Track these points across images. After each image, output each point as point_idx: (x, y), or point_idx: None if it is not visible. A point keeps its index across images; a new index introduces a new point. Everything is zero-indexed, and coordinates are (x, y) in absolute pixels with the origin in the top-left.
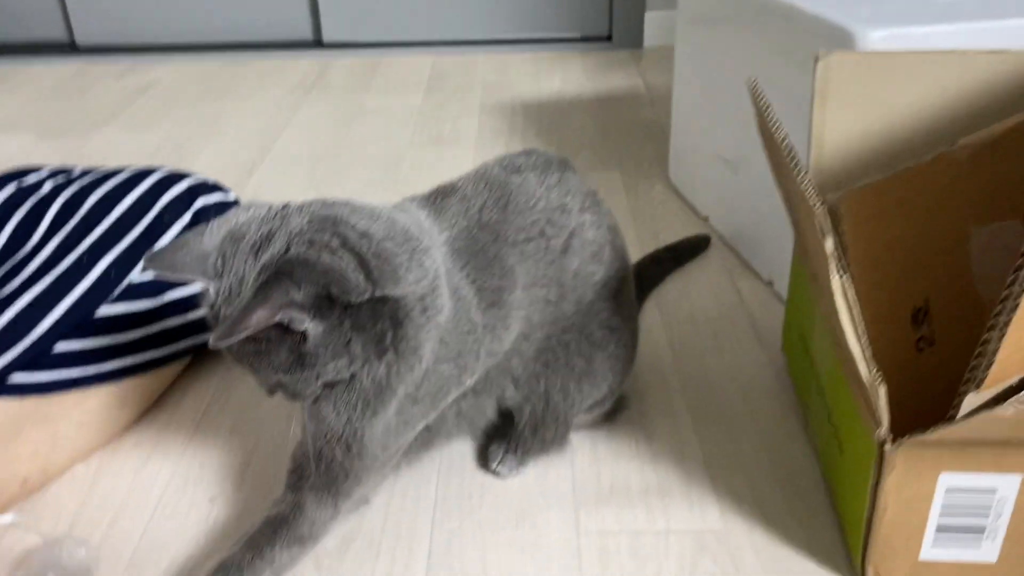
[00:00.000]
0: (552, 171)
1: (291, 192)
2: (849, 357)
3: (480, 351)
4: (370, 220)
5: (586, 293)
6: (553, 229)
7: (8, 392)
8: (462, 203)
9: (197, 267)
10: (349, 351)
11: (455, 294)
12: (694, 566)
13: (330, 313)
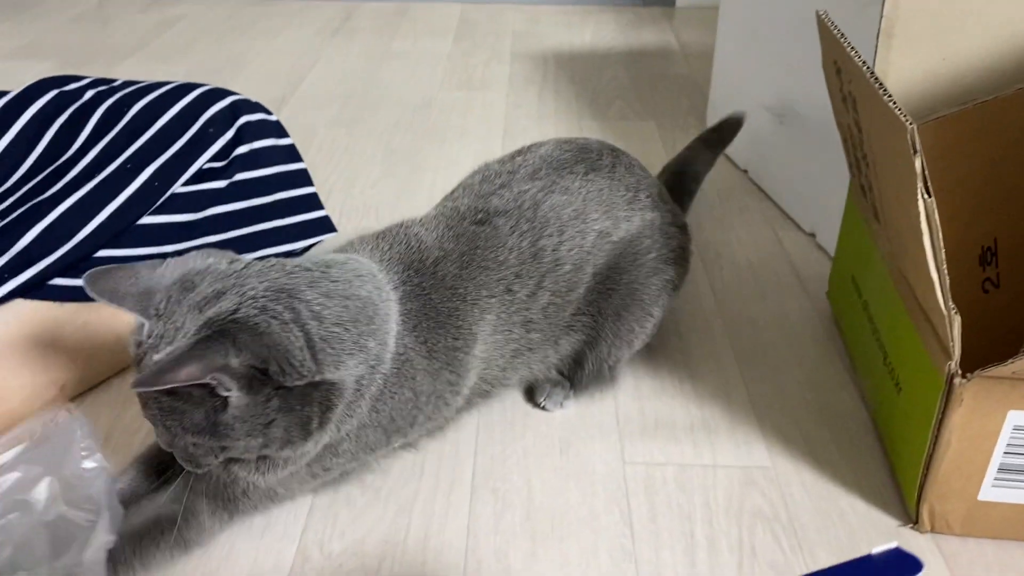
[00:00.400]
0: (526, 211)
1: (321, 128)
2: (920, 284)
3: (419, 418)
4: (326, 298)
5: (583, 288)
6: (520, 282)
7: (47, 296)
8: (419, 254)
9: (139, 302)
10: (267, 433)
11: (400, 358)
12: (743, 499)
13: (260, 388)
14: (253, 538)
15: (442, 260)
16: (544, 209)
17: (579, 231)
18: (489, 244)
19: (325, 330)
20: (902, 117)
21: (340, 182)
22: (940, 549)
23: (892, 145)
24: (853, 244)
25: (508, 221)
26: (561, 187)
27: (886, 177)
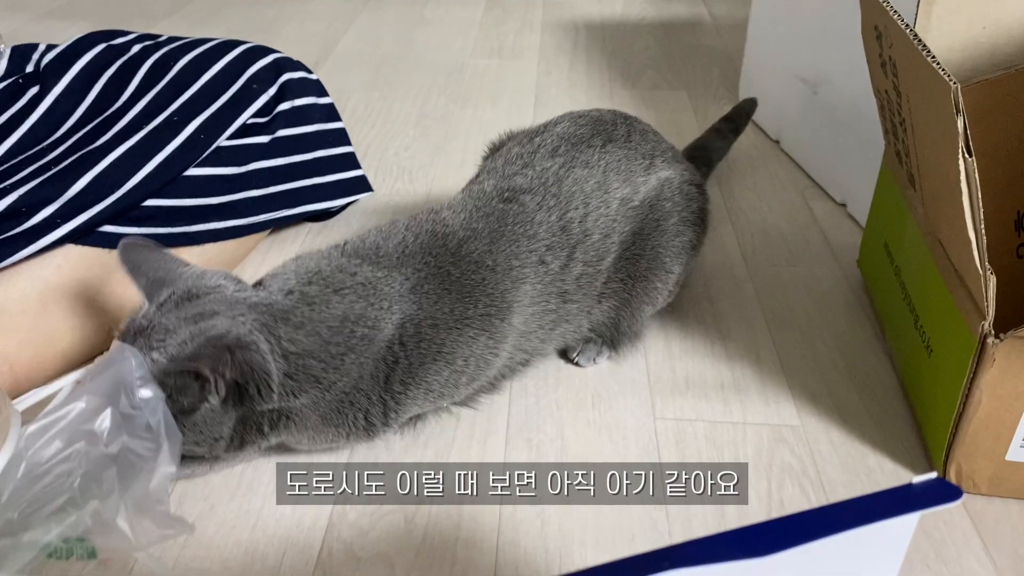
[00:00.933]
0: (551, 187)
1: (355, 91)
2: (954, 245)
3: (461, 379)
4: (296, 330)
5: (612, 256)
6: (552, 254)
7: (97, 242)
8: (443, 239)
9: (149, 287)
10: (218, 435)
11: (417, 336)
12: (772, 455)
13: (226, 401)
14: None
15: (468, 240)
16: (567, 184)
17: (603, 201)
18: (518, 220)
19: (291, 365)
20: (946, 77)
21: (374, 144)
22: (967, 508)
23: (934, 106)
24: (886, 211)
25: (534, 198)
26: (581, 161)
27: (925, 140)
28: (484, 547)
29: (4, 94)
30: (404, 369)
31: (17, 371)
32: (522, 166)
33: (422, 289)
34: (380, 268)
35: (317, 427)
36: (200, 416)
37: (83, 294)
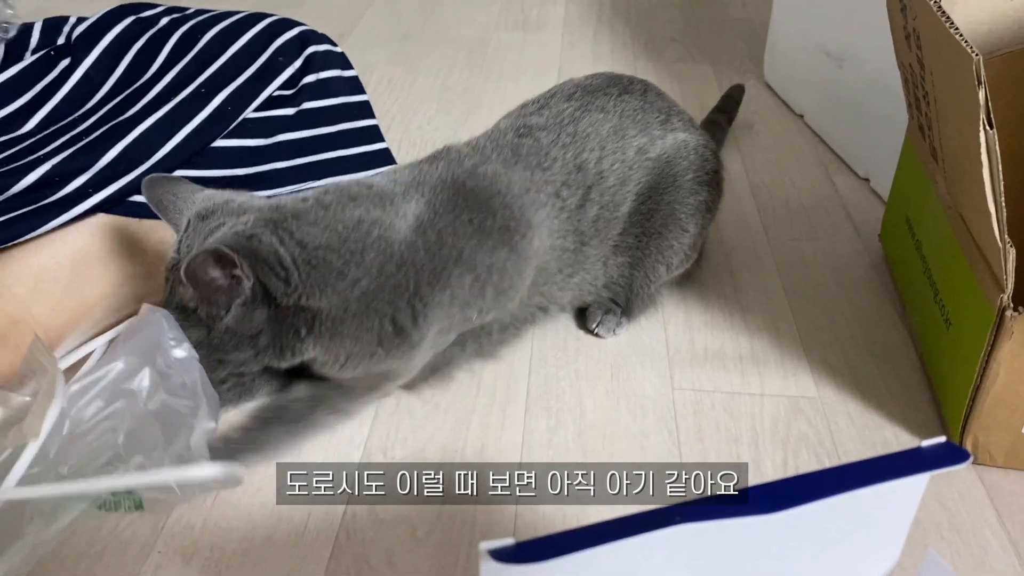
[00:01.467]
0: (566, 127)
1: (378, 65)
2: (975, 218)
3: (487, 290)
4: (311, 227)
5: (628, 206)
6: (569, 191)
7: (127, 212)
8: (459, 164)
9: (175, 218)
10: (255, 344)
11: (437, 243)
12: (788, 426)
13: (254, 302)
14: (321, 443)
15: (483, 163)
16: (583, 125)
17: (619, 146)
18: (532, 151)
19: (308, 254)
20: (968, 49)
21: (398, 117)
22: (982, 480)
23: (956, 78)
24: (909, 185)
25: (549, 135)
26: (597, 106)
27: (948, 112)
28: (503, 511)
29: (37, 66)
30: (428, 272)
31: (50, 336)
32: (538, 108)
33: (438, 199)
34: (397, 185)
35: (349, 332)
36: (231, 319)
37: (115, 263)
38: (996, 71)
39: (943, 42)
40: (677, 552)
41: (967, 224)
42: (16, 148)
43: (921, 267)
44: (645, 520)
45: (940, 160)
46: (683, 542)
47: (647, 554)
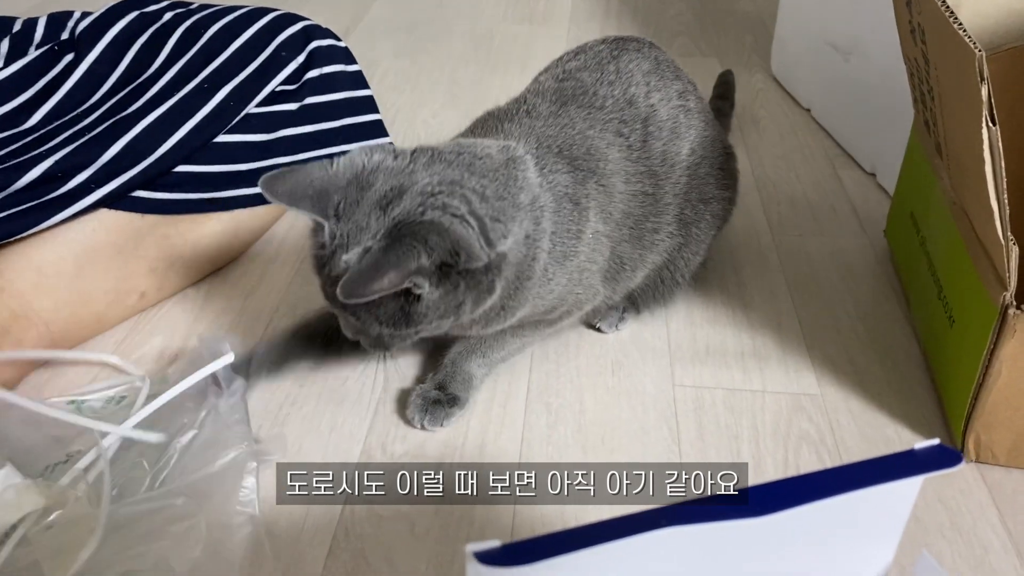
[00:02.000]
0: (607, 65)
1: (384, 58)
2: (979, 215)
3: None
4: (482, 178)
5: (680, 176)
6: (628, 128)
7: (129, 207)
8: (525, 120)
9: (316, 204)
10: (458, 311)
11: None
12: (790, 423)
13: (447, 278)
14: (321, 437)
15: (533, 107)
16: (623, 63)
17: (662, 85)
18: (578, 92)
19: (493, 208)
20: (971, 44)
21: (404, 111)
22: (984, 479)
23: (959, 74)
24: (914, 181)
25: (592, 75)
26: (632, 47)
27: (952, 108)
28: (502, 509)
29: (41, 61)
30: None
31: (54, 331)
32: (574, 55)
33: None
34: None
35: (522, 273)
36: (426, 302)
37: (118, 258)
38: (1002, 66)
39: (947, 37)
40: (667, 553)
41: (971, 220)
42: (20, 143)
43: (925, 263)
44: (631, 523)
45: (944, 156)
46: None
47: (635, 555)
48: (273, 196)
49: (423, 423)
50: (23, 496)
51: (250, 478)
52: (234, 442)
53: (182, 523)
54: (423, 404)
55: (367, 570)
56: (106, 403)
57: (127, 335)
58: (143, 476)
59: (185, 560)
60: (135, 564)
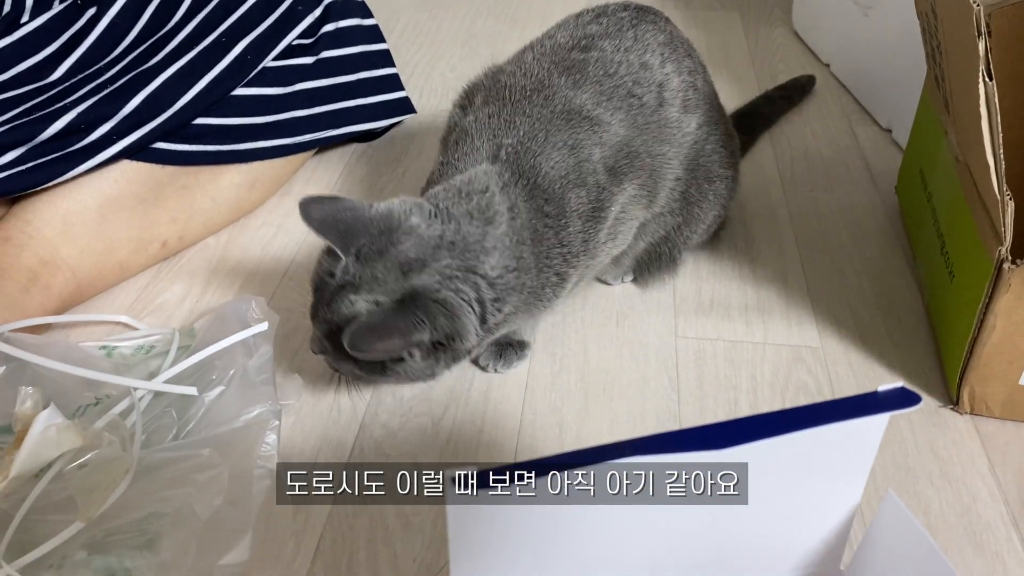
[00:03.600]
0: (625, 32)
1: (404, 11)
2: (980, 171)
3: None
4: (492, 256)
5: (689, 149)
6: (641, 88)
7: (150, 158)
8: (528, 101)
9: (342, 239)
10: (430, 376)
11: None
12: (788, 374)
13: (434, 352)
14: (333, 382)
15: (552, 95)
16: (642, 31)
17: (675, 58)
18: (599, 63)
19: (495, 291)
20: None
21: (421, 64)
22: (978, 430)
23: (960, 29)
24: (924, 137)
25: (612, 42)
26: (649, 20)
27: (955, 63)
28: (504, 450)
29: (64, 15)
30: (556, 211)
31: (80, 278)
32: (595, 16)
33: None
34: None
35: (522, 310)
36: (405, 367)
37: (138, 207)
38: (1006, 21)
39: None
40: (633, 486)
41: (972, 176)
42: (45, 96)
43: (931, 219)
44: (599, 453)
45: (951, 111)
46: (637, 477)
47: (602, 488)
48: (307, 220)
49: (496, 367)
50: (63, 435)
51: (271, 434)
52: (259, 400)
53: (206, 472)
54: (496, 350)
55: (372, 505)
56: (135, 351)
57: (149, 282)
58: (171, 425)
59: (207, 507)
60: (160, 507)
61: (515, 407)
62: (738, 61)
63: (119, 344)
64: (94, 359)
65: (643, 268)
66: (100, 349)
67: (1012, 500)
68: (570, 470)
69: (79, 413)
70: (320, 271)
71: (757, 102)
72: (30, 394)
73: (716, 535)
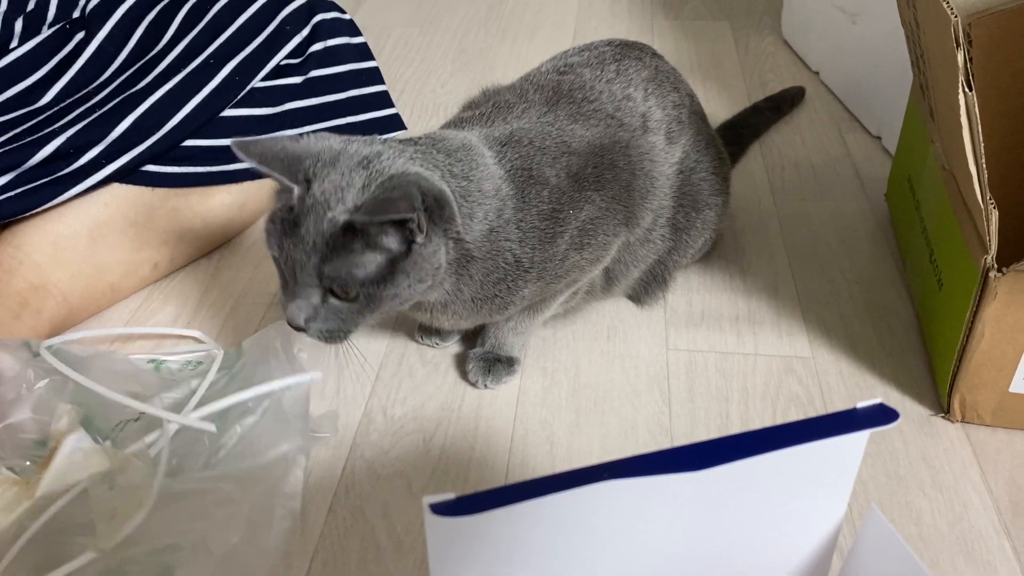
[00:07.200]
0: (608, 64)
1: (395, 27)
2: (964, 179)
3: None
4: (450, 157)
5: (674, 179)
6: (623, 115)
7: (140, 181)
8: (506, 112)
9: (286, 168)
10: (435, 275)
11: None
12: (779, 386)
13: (435, 234)
14: (326, 400)
15: (528, 108)
16: (625, 65)
17: (659, 93)
18: (576, 86)
19: (460, 186)
20: (947, 9)
21: (412, 81)
22: (969, 438)
23: (941, 39)
24: (912, 145)
25: (593, 71)
26: (634, 56)
27: (937, 72)
28: (495, 468)
29: (53, 40)
30: (519, 200)
31: (71, 301)
32: (578, 51)
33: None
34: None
35: (479, 270)
36: (415, 256)
37: (130, 230)
38: (986, 30)
39: (930, 1)
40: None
41: (958, 184)
42: (34, 121)
43: (920, 227)
44: (577, 476)
45: (936, 119)
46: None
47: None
48: (245, 155)
49: (486, 383)
50: (90, 459)
51: (298, 472)
52: (290, 435)
53: (226, 508)
54: (485, 366)
55: (364, 525)
56: (183, 366)
57: (141, 304)
58: (202, 451)
59: (223, 544)
60: (178, 539)
61: (507, 423)
62: (728, 70)
63: (168, 358)
64: (142, 373)
65: (637, 289)
66: (149, 363)
67: (1004, 508)
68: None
69: (119, 428)
70: (275, 220)
71: (746, 113)
72: (67, 411)
73: (701, 552)
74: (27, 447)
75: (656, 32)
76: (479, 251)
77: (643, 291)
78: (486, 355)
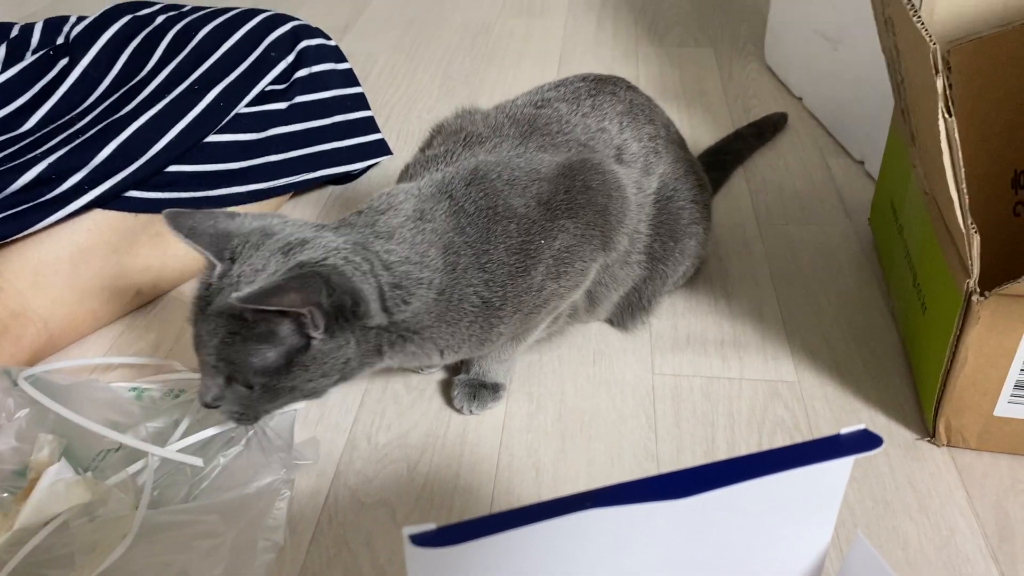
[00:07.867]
0: (583, 100)
1: (382, 54)
2: (946, 204)
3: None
4: (389, 242)
5: (650, 208)
6: (597, 144)
7: (123, 207)
8: (477, 142)
9: (213, 243)
10: (343, 369)
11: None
12: (765, 410)
13: (340, 331)
14: (308, 427)
15: (500, 143)
16: (600, 100)
17: (634, 126)
18: (552, 119)
19: (393, 275)
20: (926, 36)
21: (399, 106)
22: (955, 462)
23: (920, 65)
24: (894, 170)
25: (568, 106)
26: (608, 90)
27: (916, 99)
28: (481, 495)
29: (37, 66)
30: (481, 241)
31: (52, 328)
32: (554, 86)
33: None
34: (419, 188)
35: (440, 329)
36: (314, 352)
37: (112, 256)
38: (965, 57)
39: (908, 29)
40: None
41: (939, 208)
42: (16, 147)
43: (903, 252)
44: (559, 505)
45: (917, 144)
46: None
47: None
48: (174, 228)
49: (471, 409)
50: (71, 490)
51: (281, 504)
52: (274, 469)
53: (209, 540)
54: (470, 392)
55: (348, 555)
56: (164, 395)
57: (123, 331)
58: (184, 481)
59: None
60: (159, 572)
61: (492, 450)
62: (712, 96)
63: (150, 386)
64: (124, 401)
65: (621, 315)
66: (131, 391)
67: (990, 533)
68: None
69: (100, 458)
70: (197, 293)
71: (729, 140)
72: (48, 441)
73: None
74: (5, 477)
75: (641, 58)
76: (429, 317)
77: (627, 317)
78: (471, 381)
